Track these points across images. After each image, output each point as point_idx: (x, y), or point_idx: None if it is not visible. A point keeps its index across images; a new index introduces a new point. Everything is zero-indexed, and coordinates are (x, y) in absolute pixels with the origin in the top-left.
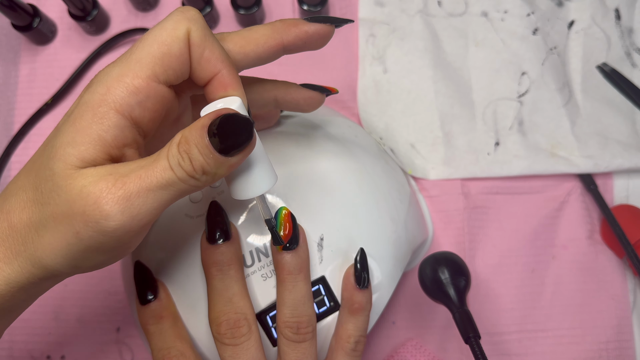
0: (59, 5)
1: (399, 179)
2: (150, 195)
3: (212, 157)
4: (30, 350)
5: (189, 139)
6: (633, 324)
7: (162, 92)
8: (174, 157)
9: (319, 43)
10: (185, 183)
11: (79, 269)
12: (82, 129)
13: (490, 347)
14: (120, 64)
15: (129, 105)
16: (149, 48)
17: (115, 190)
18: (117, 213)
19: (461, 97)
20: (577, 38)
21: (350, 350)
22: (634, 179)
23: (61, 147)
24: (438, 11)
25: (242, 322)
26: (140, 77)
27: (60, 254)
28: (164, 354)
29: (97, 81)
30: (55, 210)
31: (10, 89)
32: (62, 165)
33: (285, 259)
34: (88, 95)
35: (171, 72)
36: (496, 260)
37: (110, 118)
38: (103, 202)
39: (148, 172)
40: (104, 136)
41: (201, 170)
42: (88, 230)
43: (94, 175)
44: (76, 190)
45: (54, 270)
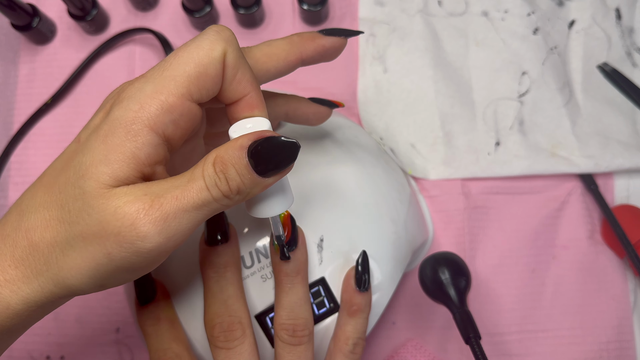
0: (58, 5)
1: (399, 179)
2: (185, 216)
3: (250, 178)
4: (30, 350)
5: (226, 158)
6: (634, 324)
7: (194, 111)
8: (210, 177)
9: (334, 55)
10: (219, 203)
11: (103, 287)
12: (115, 146)
13: (491, 347)
14: (153, 81)
15: (163, 123)
16: (184, 67)
17: (153, 211)
18: (155, 235)
19: (461, 97)
20: (577, 38)
21: (349, 353)
22: (634, 179)
23: (92, 166)
24: (438, 11)
25: (236, 325)
26: (175, 95)
27: (88, 274)
28: (160, 355)
29: (129, 97)
30: (85, 230)
31: (10, 89)
32: (94, 184)
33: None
34: (120, 112)
35: (204, 91)
36: (496, 261)
37: (144, 136)
38: (140, 224)
39: (184, 193)
40: (137, 154)
41: (236, 191)
42: (121, 252)
43: (129, 195)
44: (110, 211)
45: (77, 290)
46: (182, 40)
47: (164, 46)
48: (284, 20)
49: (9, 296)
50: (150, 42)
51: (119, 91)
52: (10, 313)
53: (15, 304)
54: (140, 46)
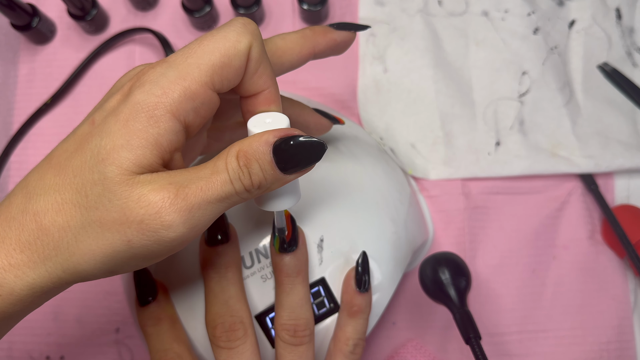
0: (58, 5)
1: (399, 179)
2: (209, 208)
3: (272, 174)
4: (30, 350)
5: (250, 153)
6: (634, 324)
7: (215, 100)
8: (234, 171)
9: (343, 49)
10: (239, 196)
11: (112, 273)
12: (138, 132)
13: (491, 347)
14: (176, 67)
15: (185, 110)
16: (210, 56)
17: (178, 201)
18: (180, 224)
19: (462, 97)
20: (577, 37)
21: (349, 353)
22: (635, 179)
23: (114, 151)
24: (438, 10)
25: (238, 325)
26: (198, 83)
27: (102, 260)
28: (161, 355)
29: (151, 81)
30: (104, 216)
31: (10, 89)
32: (116, 169)
33: (284, 261)
34: (141, 96)
35: (226, 82)
36: (497, 261)
37: (166, 122)
38: (165, 213)
39: (209, 185)
40: (160, 141)
41: (258, 185)
42: (142, 239)
43: (153, 183)
44: (134, 198)
45: (86, 276)
46: (182, 40)
47: (164, 46)
48: (284, 20)
49: (13, 281)
50: (150, 42)
51: (138, 74)
52: (13, 299)
53: (20, 289)
54: (140, 46)
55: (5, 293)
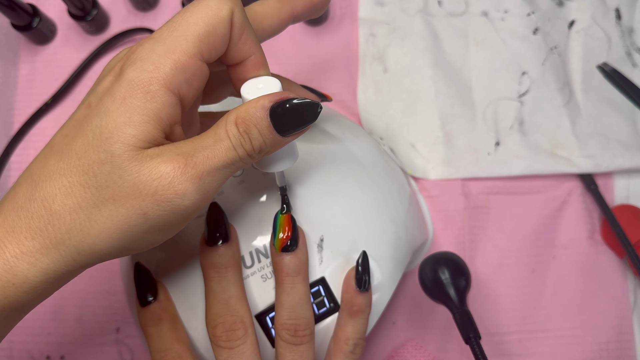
0: (58, 5)
1: (399, 179)
2: (217, 174)
3: (271, 138)
4: (30, 350)
5: (247, 119)
6: (633, 324)
7: (205, 70)
8: (235, 137)
9: (321, 10)
10: (243, 161)
11: (127, 251)
12: (137, 108)
13: (491, 347)
14: (163, 41)
15: (178, 82)
16: (194, 26)
17: (188, 170)
18: (193, 192)
19: (461, 97)
20: (577, 38)
21: (349, 353)
22: (634, 179)
23: (117, 129)
24: (438, 11)
25: (238, 325)
26: (187, 54)
27: (117, 236)
28: (161, 355)
29: (141, 58)
30: (116, 193)
31: (10, 89)
32: (123, 146)
33: (284, 260)
34: (134, 73)
35: (214, 51)
36: (496, 261)
37: (162, 96)
38: (177, 182)
39: (214, 152)
40: (159, 115)
41: (259, 150)
42: (158, 210)
43: (161, 155)
44: (145, 171)
45: (102, 254)
46: None
47: None
48: None
49: (27, 269)
50: None
51: (127, 53)
52: (27, 287)
53: (34, 276)
54: None
55: (19, 281)
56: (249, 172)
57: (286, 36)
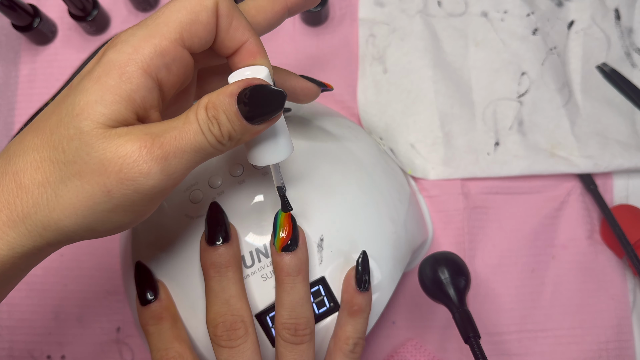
0: (59, 6)
1: (399, 179)
2: (185, 157)
3: (239, 125)
4: (30, 350)
5: (217, 104)
6: (633, 324)
7: (187, 58)
8: (203, 121)
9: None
10: (213, 147)
11: (94, 232)
12: (111, 87)
13: (490, 347)
14: (146, 27)
15: (156, 66)
16: (177, 14)
17: (154, 149)
18: (157, 172)
19: (461, 97)
20: (576, 38)
21: (349, 352)
22: (633, 179)
23: (88, 106)
24: (438, 11)
25: (239, 324)
26: (167, 39)
27: (82, 213)
28: (162, 354)
29: (122, 41)
30: (83, 169)
31: (11, 89)
32: (92, 123)
33: (284, 260)
34: (113, 54)
35: (196, 39)
36: (496, 260)
37: (138, 77)
38: (142, 161)
39: (182, 134)
40: (133, 96)
41: (228, 136)
42: (122, 189)
43: (129, 134)
44: (111, 149)
45: (67, 232)
46: None
47: None
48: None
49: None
50: None
51: (112, 38)
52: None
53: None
54: None
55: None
56: (249, 172)
57: (286, 36)
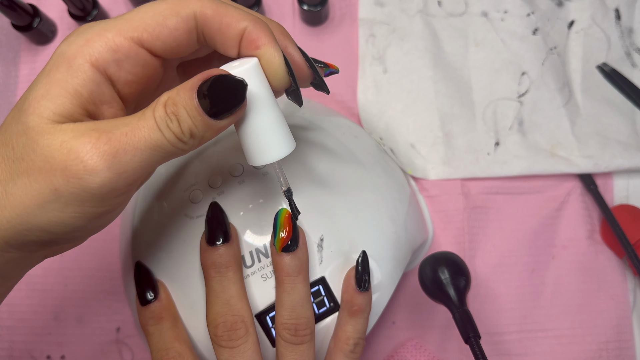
0: (59, 5)
1: (399, 179)
2: (137, 154)
3: (201, 120)
4: (30, 350)
5: (177, 100)
6: (633, 324)
7: (144, 58)
8: (161, 118)
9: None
10: (173, 146)
11: (49, 234)
12: (57, 81)
13: (490, 347)
14: (105, 23)
15: (105, 60)
16: (142, 14)
17: (100, 145)
18: (104, 169)
19: (461, 97)
20: (577, 38)
21: (349, 352)
22: (634, 179)
23: (35, 100)
24: (438, 11)
25: (240, 324)
26: (123, 36)
27: (32, 212)
28: (162, 354)
29: (77, 33)
30: (30, 166)
31: (11, 89)
32: (37, 119)
33: (285, 260)
34: (64, 47)
35: (159, 43)
36: (496, 260)
37: (85, 71)
38: (87, 157)
39: (135, 131)
40: (79, 91)
41: (189, 134)
42: (69, 187)
43: (75, 130)
44: (55, 145)
45: (22, 232)
46: None
47: None
48: (284, 20)
49: None
50: None
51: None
52: None
53: None
54: None
55: None
56: (249, 172)
57: None
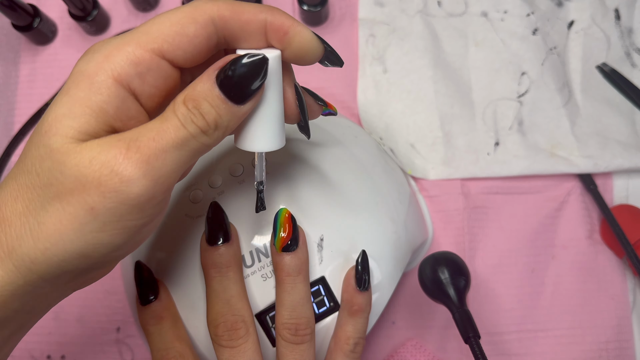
0: (59, 5)
1: (399, 179)
2: (167, 157)
3: (225, 108)
4: (30, 350)
5: (196, 94)
6: (633, 323)
7: (165, 69)
8: (184, 115)
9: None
10: (198, 140)
11: (88, 258)
12: (80, 99)
13: (490, 347)
14: (123, 36)
15: (128, 75)
16: (159, 25)
17: (131, 154)
18: (140, 177)
19: (461, 97)
20: (576, 38)
21: (349, 352)
22: (633, 179)
23: (56, 121)
24: (438, 11)
25: (240, 324)
26: (143, 48)
27: (69, 238)
28: (162, 354)
29: (95, 50)
30: (59, 190)
31: (11, 89)
32: (61, 139)
33: (285, 260)
34: (83, 64)
35: (180, 52)
36: (496, 260)
37: (109, 87)
38: (121, 168)
39: (161, 134)
40: (105, 108)
41: (214, 125)
42: (106, 202)
43: (101, 145)
44: (85, 163)
45: (58, 262)
46: None
47: None
48: None
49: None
50: None
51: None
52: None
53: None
54: None
55: None
56: (249, 172)
57: None
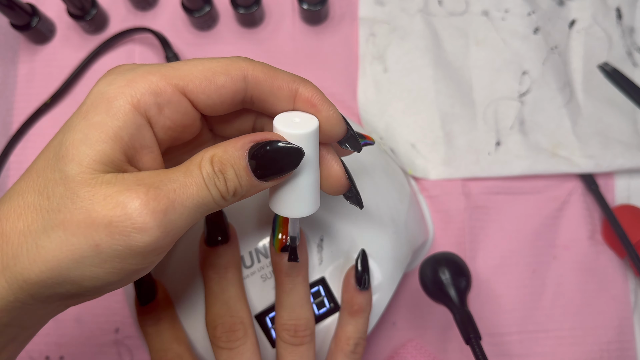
0: (57, 5)
1: (399, 179)
2: (185, 212)
3: (247, 180)
4: (29, 350)
5: (225, 158)
6: (634, 324)
7: (185, 107)
8: (209, 176)
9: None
10: (216, 203)
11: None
12: (96, 124)
13: (491, 347)
14: (151, 66)
15: (147, 103)
16: (190, 66)
17: (149, 201)
18: (154, 227)
19: (462, 97)
20: (578, 37)
21: (350, 353)
22: (635, 179)
23: (73, 146)
24: (438, 10)
25: (238, 325)
26: (167, 81)
27: (66, 266)
28: (161, 355)
29: (118, 72)
30: (67, 218)
31: (9, 89)
32: (77, 167)
33: (284, 261)
34: (104, 86)
35: (203, 97)
36: (497, 261)
37: (126, 113)
38: (136, 214)
39: (183, 188)
40: (120, 134)
41: (233, 192)
42: (112, 244)
43: (119, 183)
44: (98, 198)
45: (52, 285)
46: (182, 39)
47: (164, 46)
48: (284, 19)
49: None
50: (149, 42)
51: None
52: None
53: None
54: (140, 46)
55: None
56: None
57: (286, 35)
